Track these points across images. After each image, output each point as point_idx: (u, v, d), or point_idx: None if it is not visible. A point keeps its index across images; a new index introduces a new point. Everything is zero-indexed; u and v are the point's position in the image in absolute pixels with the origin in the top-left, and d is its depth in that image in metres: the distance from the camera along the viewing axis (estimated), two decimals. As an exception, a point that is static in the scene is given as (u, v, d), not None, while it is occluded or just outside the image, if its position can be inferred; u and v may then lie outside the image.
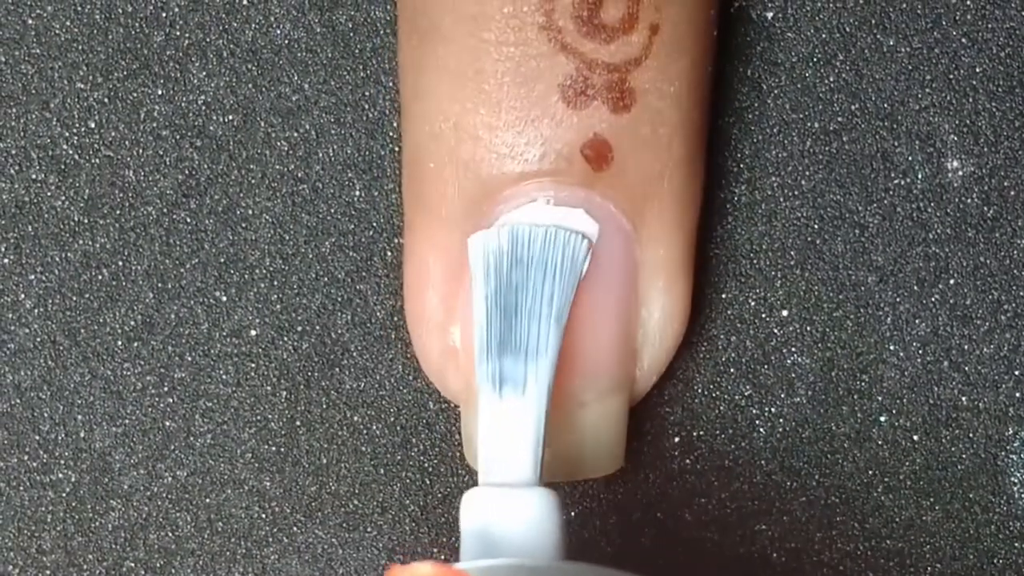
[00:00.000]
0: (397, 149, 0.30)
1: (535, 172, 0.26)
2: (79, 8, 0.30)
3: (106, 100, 0.30)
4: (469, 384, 0.27)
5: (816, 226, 0.30)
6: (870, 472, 0.30)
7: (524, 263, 0.26)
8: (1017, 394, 0.30)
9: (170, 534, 0.30)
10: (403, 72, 0.28)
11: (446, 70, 0.26)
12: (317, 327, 0.30)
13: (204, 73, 0.30)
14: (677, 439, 0.31)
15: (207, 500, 0.30)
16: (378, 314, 0.30)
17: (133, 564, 0.30)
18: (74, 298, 0.30)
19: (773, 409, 0.30)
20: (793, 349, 0.30)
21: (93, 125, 0.30)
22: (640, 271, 0.27)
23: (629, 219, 0.27)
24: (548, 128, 0.26)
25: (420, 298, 0.28)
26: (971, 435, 0.30)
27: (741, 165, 0.30)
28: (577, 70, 0.26)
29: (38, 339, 0.30)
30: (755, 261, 0.30)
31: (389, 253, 0.30)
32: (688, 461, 0.31)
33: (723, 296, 0.30)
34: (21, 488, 0.30)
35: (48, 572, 0.30)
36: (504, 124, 0.26)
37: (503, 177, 0.26)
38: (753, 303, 0.30)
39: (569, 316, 0.26)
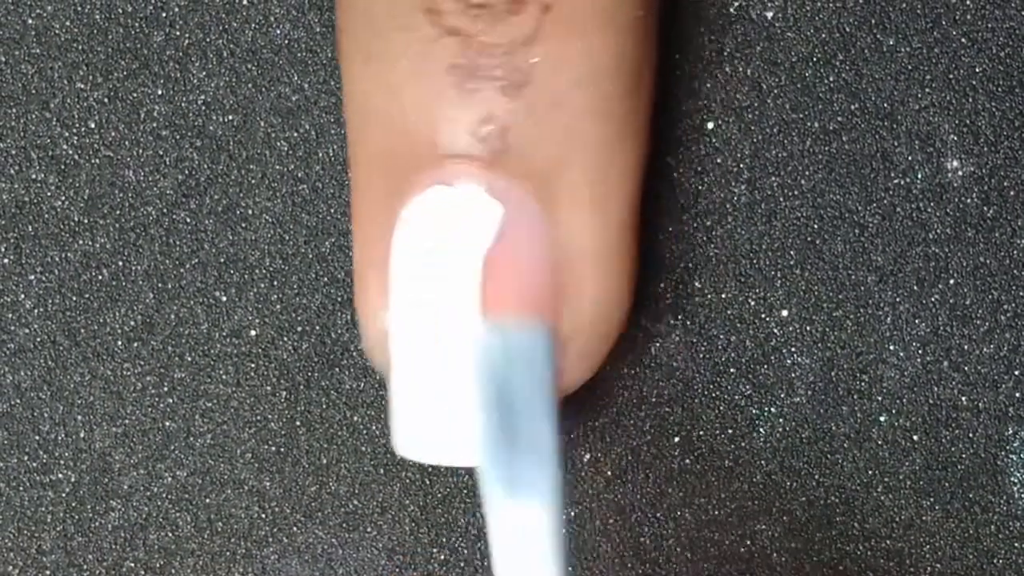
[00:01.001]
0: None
1: (436, 155, 0.26)
2: (79, 8, 0.30)
3: (106, 100, 0.30)
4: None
5: (816, 226, 0.30)
6: (870, 472, 0.30)
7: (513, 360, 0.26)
8: (1017, 394, 0.30)
9: (170, 534, 0.30)
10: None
11: (350, 57, 0.26)
12: (317, 327, 0.30)
13: (204, 73, 0.30)
14: (677, 439, 0.31)
15: (207, 500, 0.30)
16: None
17: (133, 564, 0.30)
18: (74, 298, 0.30)
19: (773, 409, 0.30)
20: (793, 349, 0.30)
21: (93, 125, 0.30)
22: (562, 257, 0.26)
23: (537, 200, 0.26)
24: (443, 111, 0.25)
25: (358, 281, 0.27)
26: (971, 435, 0.30)
27: (741, 165, 0.30)
28: (464, 52, 0.25)
29: (38, 339, 0.30)
30: (755, 261, 0.30)
31: (389, 253, 0.30)
32: (688, 461, 0.31)
33: (723, 296, 0.30)
34: (21, 488, 0.30)
35: (48, 572, 0.30)
36: (401, 108, 0.26)
37: (408, 161, 0.26)
38: (753, 303, 0.30)
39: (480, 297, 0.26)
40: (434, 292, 0.26)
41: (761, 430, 0.30)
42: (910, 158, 0.30)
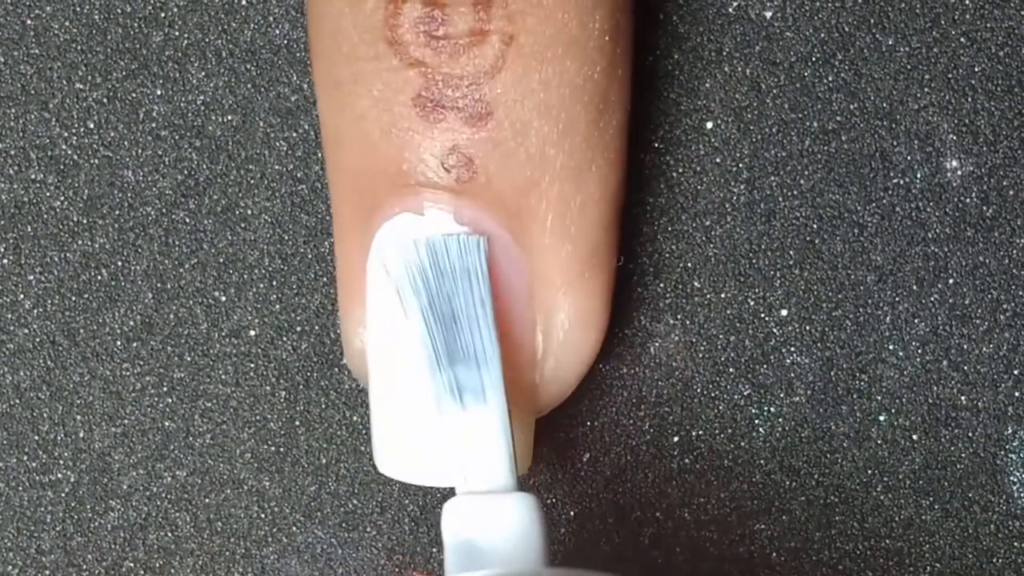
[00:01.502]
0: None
1: (404, 185, 0.26)
2: (78, 8, 0.30)
3: (105, 100, 0.30)
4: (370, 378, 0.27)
5: (815, 226, 0.30)
6: (869, 471, 0.30)
7: (448, 273, 0.26)
8: (1016, 393, 0.30)
9: (169, 534, 0.30)
10: None
11: (322, 83, 0.27)
12: (316, 327, 0.30)
13: (203, 73, 0.30)
14: (676, 439, 0.31)
15: (206, 500, 0.30)
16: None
17: (132, 564, 0.30)
18: (73, 298, 0.30)
19: (772, 408, 0.30)
20: (792, 349, 0.30)
21: (92, 125, 0.30)
22: (534, 280, 0.27)
23: (506, 229, 0.26)
24: (409, 141, 0.26)
25: (340, 301, 0.28)
26: (970, 434, 0.30)
27: (740, 165, 0.30)
28: (427, 84, 0.25)
29: (37, 339, 0.30)
30: (754, 260, 0.30)
31: (388, 253, 0.30)
32: (687, 461, 0.31)
33: (722, 296, 0.30)
34: (20, 488, 0.30)
35: (47, 572, 0.30)
36: (369, 136, 0.26)
37: (378, 187, 0.26)
38: (752, 303, 0.30)
39: None
40: (404, 314, 0.26)
41: (760, 430, 0.30)
42: (909, 158, 0.30)
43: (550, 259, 0.26)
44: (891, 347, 0.30)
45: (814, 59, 0.30)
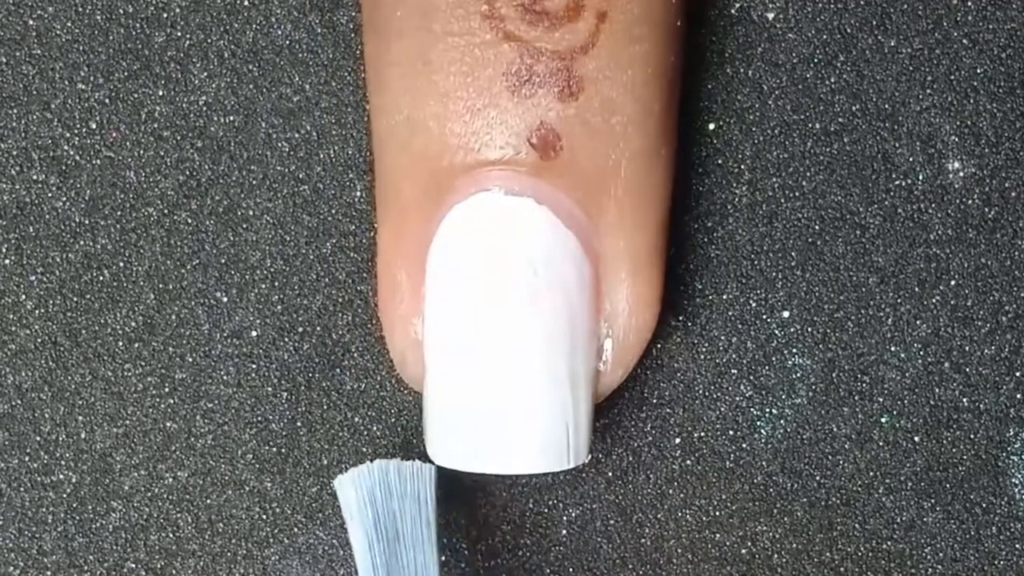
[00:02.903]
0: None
1: (484, 162, 0.26)
2: (80, 9, 0.30)
3: (107, 101, 0.30)
4: (423, 372, 0.27)
5: (817, 227, 0.30)
6: (871, 473, 0.30)
7: (396, 494, 0.27)
8: (1018, 395, 0.30)
9: (171, 535, 0.30)
10: (366, 69, 0.28)
11: (398, 63, 0.26)
12: (318, 328, 0.30)
13: (205, 74, 0.30)
14: (678, 440, 0.31)
15: (208, 501, 0.30)
16: (379, 315, 0.30)
17: (134, 565, 0.30)
18: (75, 299, 0.30)
19: (774, 410, 0.30)
20: (794, 350, 0.30)
21: (94, 126, 0.30)
22: (600, 262, 0.27)
23: (582, 208, 0.26)
24: (495, 117, 0.26)
25: (386, 288, 0.28)
26: (972, 436, 0.30)
27: (742, 166, 0.30)
28: (521, 58, 0.25)
29: (39, 340, 0.30)
30: (756, 262, 0.30)
31: (390, 254, 0.30)
32: (689, 462, 0.31)
33: (724, 297, 0.30)
34: (22, 489, 0.30)
35: (49, 573, 0.30)
36: (452, 114, 0.26)
37: (453, 167, 0.26)
38: (754, 304, 0.30)
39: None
40: (477, 299, 0.26)
41: (762, 431, 0.30)
42: (911, 159, 0.30)
43: (622, 243, 0.27)
44: (893, 349, 0.30)
45: (816, 60, 0.30)
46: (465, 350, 0.26)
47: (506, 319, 0.26)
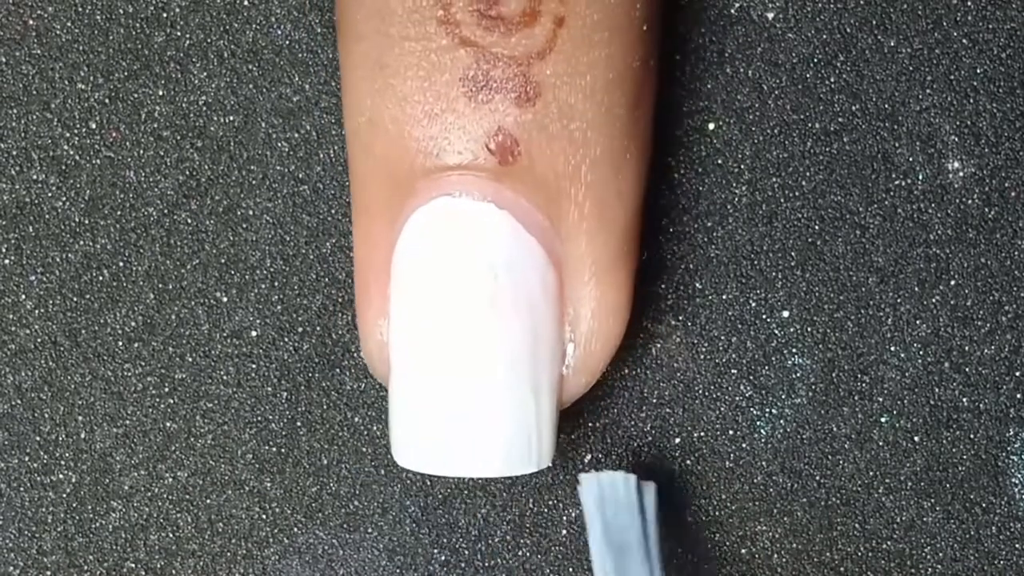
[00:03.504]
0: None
1: (443, 167, 0.26)
2: (80, 9, 0.30)
3: (107, 101, 0.30)
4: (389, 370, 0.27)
5: (817, 227, 0.30)
6: (871, 473, 0.30)
7: (626, 506, 0.27)
8: (1018, 395, 0.30)
9: (171, 535, 0.30)
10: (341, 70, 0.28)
11: (359, 66, 0.26)
12: (318, 328, 0.30)
13: (205, 74, 0.30)
14: (678, 440, 0.31)
15: (208, 501, 0.30)
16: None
17: (134, 565, 0.30)
18: (75, 299, 0.30)
19: (774, 410, 0.30)
20: (794, 350, 0.30)
21: (94, 125, 0.30)
22: (564, 267, 0.27)
23: (544, 213, 0.26)
24: (453, 122, 0.26)
25: (359, 288, 0.28)
26: (972, 436, 0.30)
27: (742, 166, 0.30)
28: (477, 64, 0.25)
29: (39, 340, 0.30)
30: (756, 262, 0.30)
31: (390, 254, 0.30)
32: (689, 462, 0.31)
33: (724, 297, 0.30)
34: (22, 489, 0.30)
35: (49, 573, 0.30)
36: (410, 118, 0.26)
37: (413, 171, 0.26)
38: (754, 304, 0.30)
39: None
40: (438, 303, 0.26)
41: (762, 431, 0.30)
42: (911, 159, 0.30)
43: (584, 247, 0.26)
44: (893, 348, 0.30)
45: (816, 60, 0.30)
46: (427, 353, 0.26)
47: (467, 323, 0.26)
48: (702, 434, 0.31)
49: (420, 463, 0.27)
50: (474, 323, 0.26)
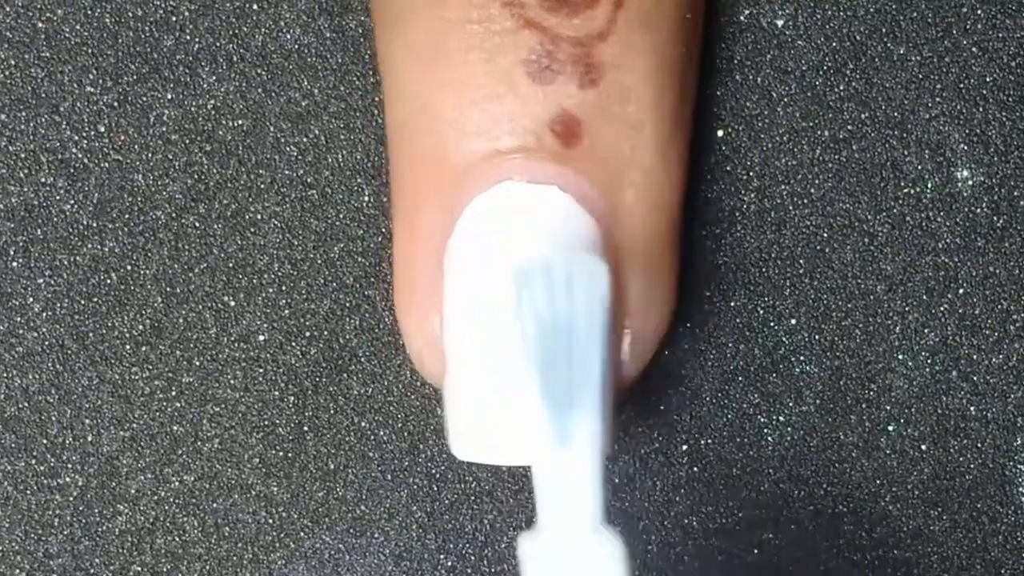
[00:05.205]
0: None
1: (504, 150, 0.26)
2: (89, 12, 0.30)
3: (116, 104, 0.30)
4: (443, 368, 0.27)
5: (825, 234, 0.30)
6: (878, 481, 0.30)
7: (566, 300, 0.25)
8: (1026, 404, 0.30)
9: (177, 539, 0.30)
10: (379, 62, 0.28)
11: (413, 53, 0.26)
12: (325, 332, 0.30)
13: (214, 77, 0.30)
14: (685, 447, 0.31)
15: (214, 505, 0.30)
16: (386, 320, 0.30)
17: (140, 568, 0.30)
18: (82, 302, 0.30)
19: (781, 417, 0.30)
20: (802, 358, 0.30)
21: (103, 129, 0.30)
22: (619, 251, 0.26)
23: (604, 197, 0.26)
24: (515, 104, 0.25)
25: (403, 284, 0.27)
26: (979, 445, 0.30)
27: (751, 173, 0.30)
28: (541, 44, 0.25)
29: (46, 343, 0.30)
30: (764, 269, 0.30)
31: (398, 259, 0.30)
32: (696, 469, 0.31)
33: (732, 304, 0.30)
34: (28, 492, 0.30)
35: (55, 575, 0.30)
36: (470, 102, 0.26)
37: (472, 156, 0.26)
38: (762, 311, 0.30)
39: None
40: (499, 292, 0.26)
41: (769, 438, 0.30)
42: (920, 167, 0.30)
43: (639, 231, 0.26)
44: (900, 357, 0.30)
45: (825, 68, 0.30)
46: (488, 345, 0.26)
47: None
48: (709, 441, 0.30)
49: (482, 454, 0.26)
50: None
